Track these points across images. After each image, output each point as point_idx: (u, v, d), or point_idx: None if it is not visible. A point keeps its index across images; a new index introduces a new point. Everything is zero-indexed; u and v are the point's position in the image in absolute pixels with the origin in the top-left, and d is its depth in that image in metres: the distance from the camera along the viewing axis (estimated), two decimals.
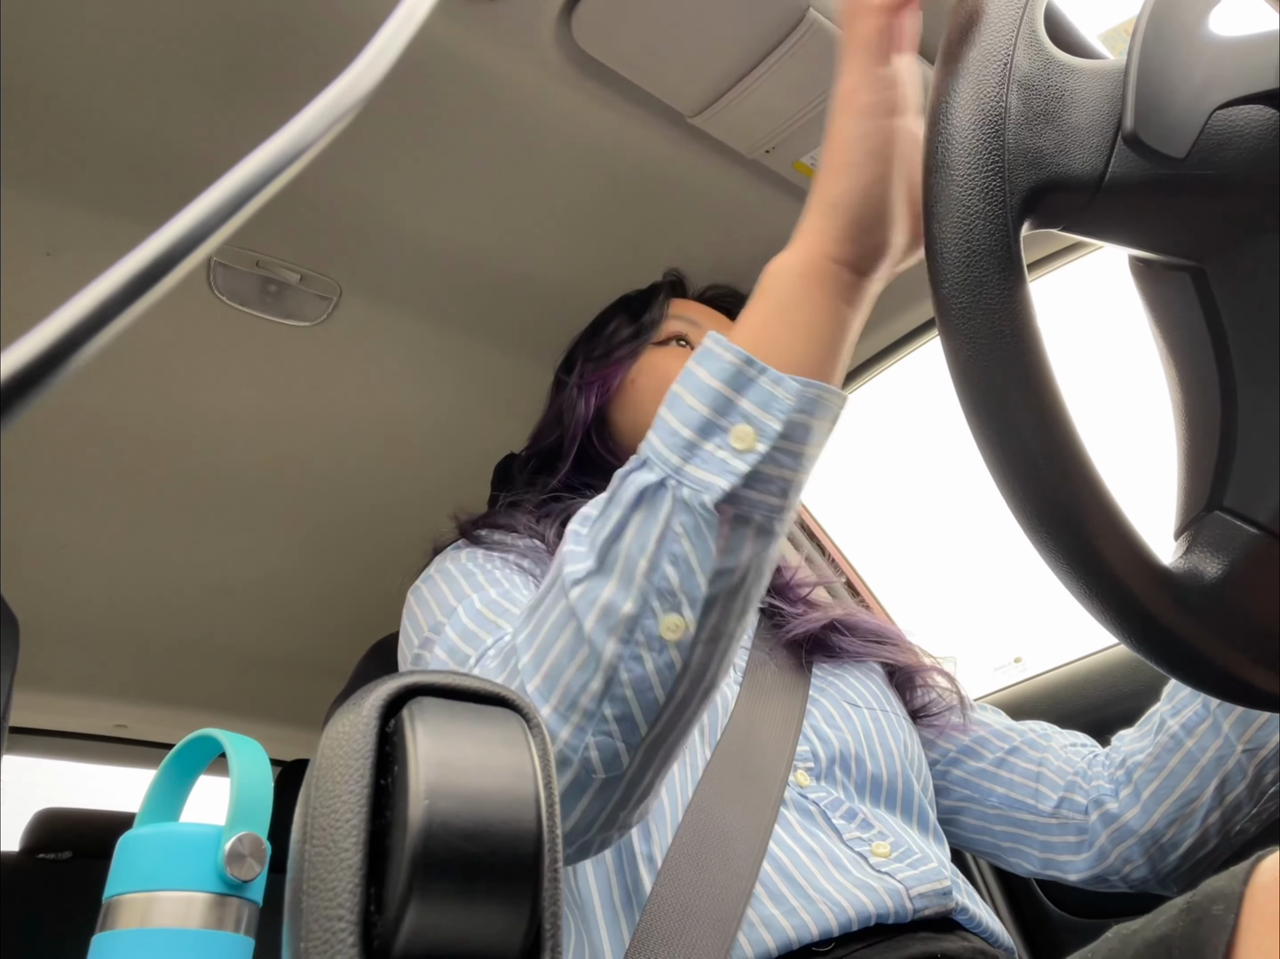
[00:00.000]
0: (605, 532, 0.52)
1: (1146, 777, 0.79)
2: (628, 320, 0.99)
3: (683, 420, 0.51)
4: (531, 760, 0.26)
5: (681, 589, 0.50)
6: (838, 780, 0.76)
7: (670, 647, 0.50)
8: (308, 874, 0.24)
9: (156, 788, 0.49)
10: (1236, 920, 0.40)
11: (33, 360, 0.15)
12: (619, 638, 0.50)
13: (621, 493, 0.52)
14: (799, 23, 0.85)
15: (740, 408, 0.50)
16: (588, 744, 0.51)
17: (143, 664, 1.82)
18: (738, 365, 0.51)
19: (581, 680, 0.51)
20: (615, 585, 0.50)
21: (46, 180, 0.99)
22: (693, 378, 0.53)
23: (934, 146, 0.40)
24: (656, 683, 0.51)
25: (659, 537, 0.50)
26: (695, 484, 0.49)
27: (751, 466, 0.49)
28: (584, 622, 0.51)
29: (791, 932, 0.64)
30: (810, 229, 0.54)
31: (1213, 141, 0.37)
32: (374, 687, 0.26)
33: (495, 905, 0.24)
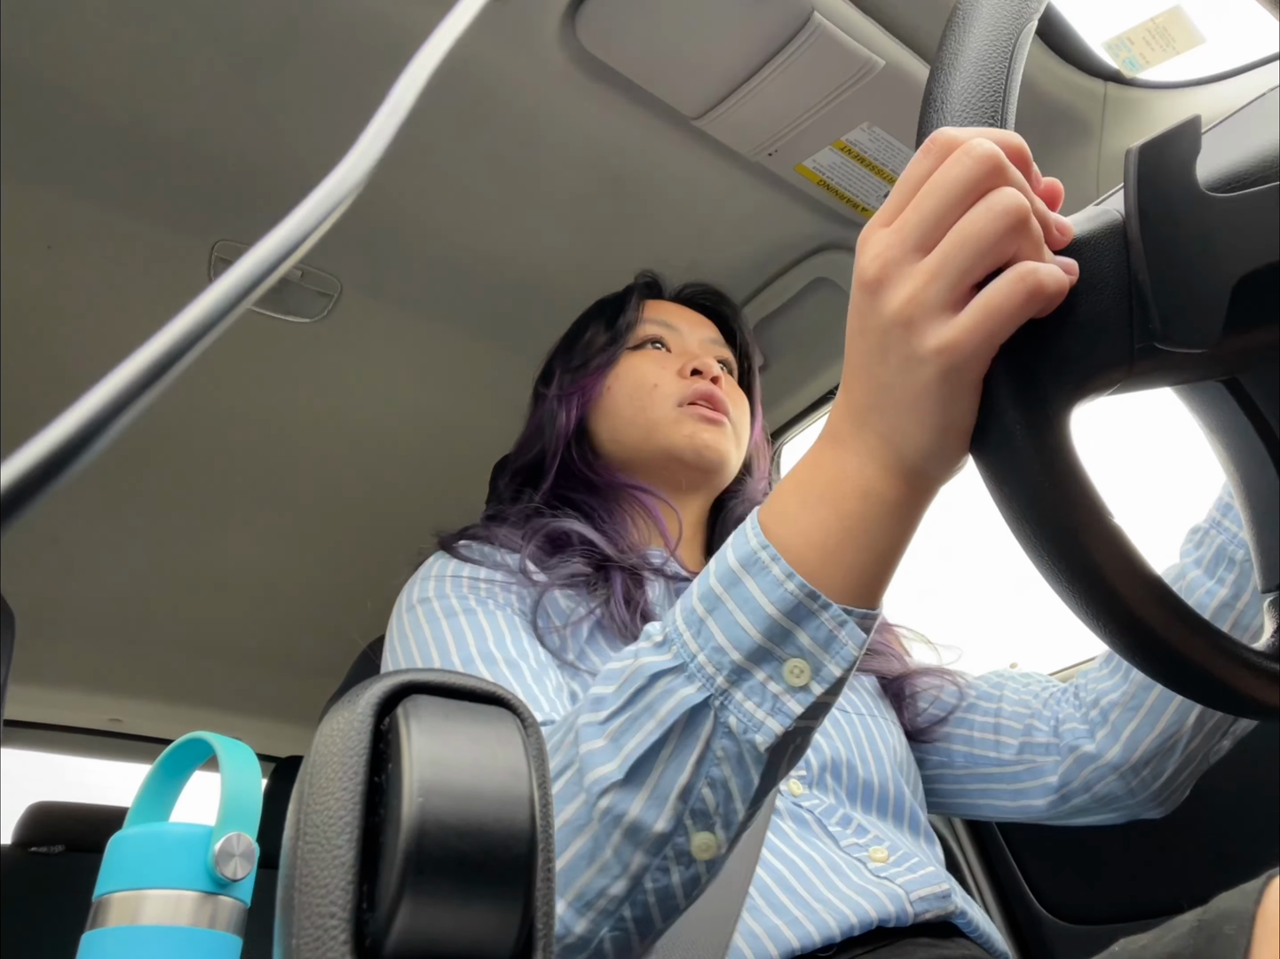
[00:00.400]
0: (636, 742, 0.49)
1: (1124, 716, 0.78)
2: (603, 327, 0.98)
3: (732, 640, 0.47)
4: (526, 759, 0.26)
5: (718, 812, 0.48)
6: (829, 787, 0.76)
7: (699, 863, 0.49)
8: (300, 871, 0.24)
9: (147, 788, 0.49)
10: (1249, 941, 0.40)
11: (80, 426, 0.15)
12: (646, 852, 0.49)
13: (654, 700, 0.48)
14: (803, 26, 0.85)
15: (798, 642, 0.46)
16: (602, 938, 0.51)
17: (138, 659, 1.82)
18: (799, 598, 0.46)
19: (600, 885, 0.49)
20: (645, 802, 0.48)
21: (47, 174, 0.99)
22: (740, 588, 0.47)
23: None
24: (680, 893, 0.50)
25: (698, 759, 0.47)
26: (744, 718, 0.47)
27: (806, 708, 0.46)
28: (610, 834, 0.49)
29: (795, 940, 0.64)
30: (889, 463, 0.45)
31: (1236, 309, 0.36)
32: (369, 684, 0.26)
33: (488, 904, 0.23)
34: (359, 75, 0.91)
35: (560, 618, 0.76)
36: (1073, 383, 0.38)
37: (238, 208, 1.05)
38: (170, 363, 0.17)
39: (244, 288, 0.18)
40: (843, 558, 0.46)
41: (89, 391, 0.16)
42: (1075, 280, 0.38)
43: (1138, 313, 0.37)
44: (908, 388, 0.41)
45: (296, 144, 0.98)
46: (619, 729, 0.50)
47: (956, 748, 0.89)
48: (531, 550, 0.81)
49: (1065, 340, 0.38)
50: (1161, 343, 0.37)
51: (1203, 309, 0.36)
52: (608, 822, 0.49)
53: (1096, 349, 0.38)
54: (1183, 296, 0.36)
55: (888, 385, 0.42)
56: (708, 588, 0.49)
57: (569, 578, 0.78)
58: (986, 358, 0.39)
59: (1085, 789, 0.81)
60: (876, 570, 0.46)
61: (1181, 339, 0.36)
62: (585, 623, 0.76)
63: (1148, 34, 0.88)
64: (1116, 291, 0.38)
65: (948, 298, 0.39)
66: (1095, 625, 0.39)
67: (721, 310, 1.05)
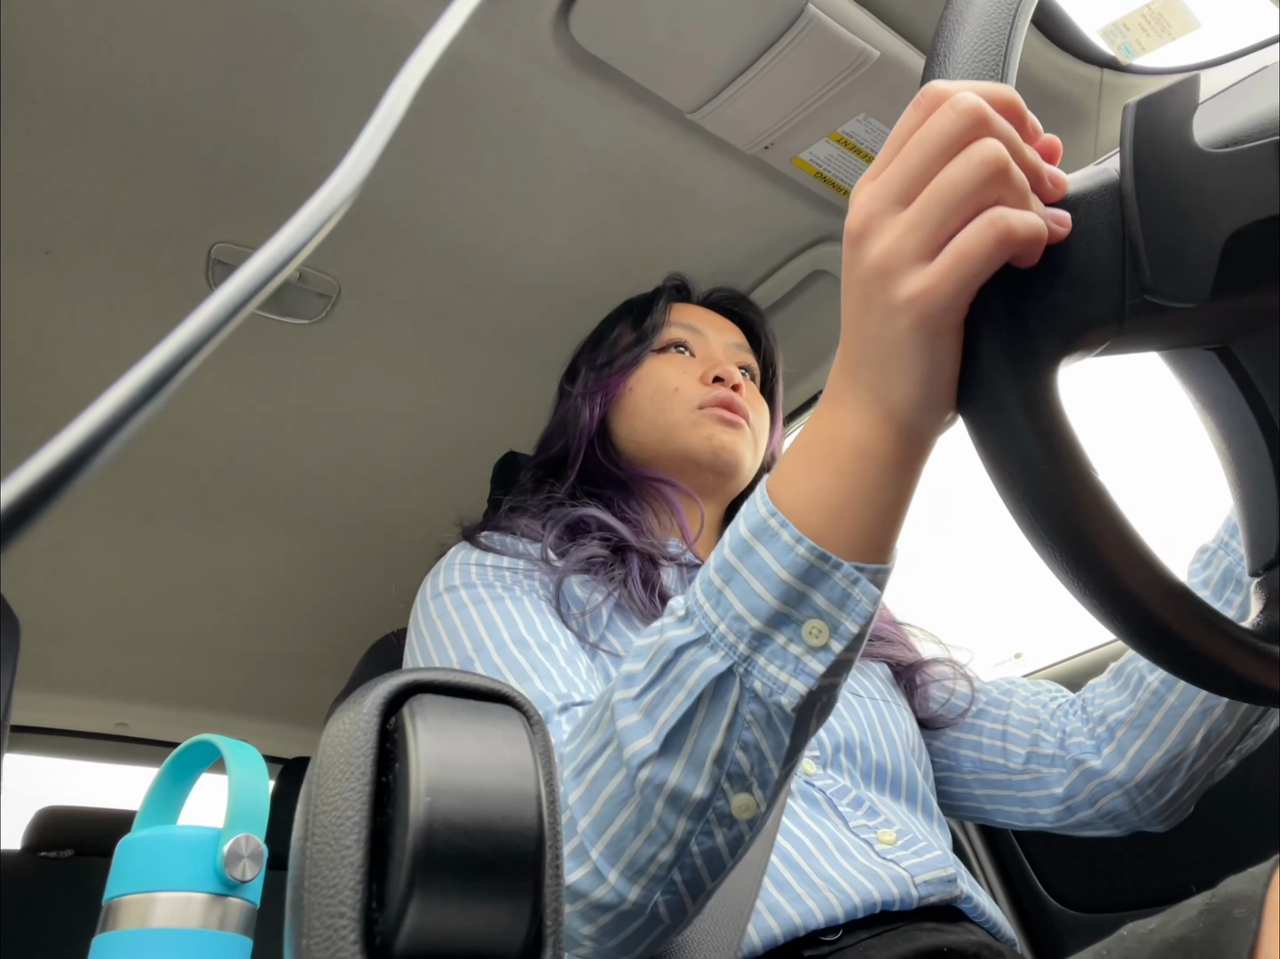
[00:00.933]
0: (668, 714, 0.50)
1: (1130, 734, 0.79)
2: (629, 327, 0.99)
3: (750, 608, 0.48)
4: (533, 757, 0.26)
5: (753, 773, 0.50)
6: (843, 768, 0.76)
7: (741, 823, 0.51)
8: (309, 871, 0.24)
9: (155, 791, 0.50)
10: (1259, 924, 0.40)
11: (84, 439, 0.15)
12: (690, 817, 0.50)
13: (681, 671, 0.50)
14: (797, 18, 0.85)
15: (814, 602, 0.47)
16: (656, 903, 0.53)
17: (144, 662, 1.83)
18: (810, 561, 0.47)
19: (649, 853, 0.51)
20: (683, 769, 0.50)
21: (44, 179, 0.99)
22: (753, 557, 0.49)
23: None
24: (726, 852, 0.52)
25: (728, 725, 0.49)
26: (769, 680, 0.48)
27: (827, 666, 0.47)
28: (653, 803, 0.51)
29: (798, 918, 0.64)
30: (881, 417, 0.45)
31: (1229, 265, 0.36)
32: (375, 684, 0.26)
33: (497, 902, 0.24)
34: (357, 76, 0.91)
35: (578, 605, 0.77)
36: (1062, 336, 0.38)
37: (236, 210, 1.05)
38: (173, 372, 0.17)
39: (245, 294, 0.19)
40: (848, 516, 0.47)
41: (91, 405, 0.16)
42: (1064, 232, 0.38)
43: (1130, 267, 0.37)
44: (888, 338, 0.42)
45: (294, 145, 0.98)
46: (651, 703, 0.51)
47: (965, 753, 0.89)
48: (552, 539, 0.82)
49: (1056, 293, 0.38)
50: (1152, 295, 0.37)
51: (1194, 262, 0.36)
52: (649, 792, 0.51)
53: (1087, 302, 0.38)
54: (1175, 249, 0.36)
55: (873, 337, 0.43)
56: (723, 559, 0.50)
57: (586, 561, 0.80)
58: (961, 306, 0.39)
59: (1090, 803, 0.82)
60: (882, 526, 0.47)
61: (1172, 292, 0.36)
62: (605, 606, 0.77)
63: (1143, 20, 0.87)
64: (1110, 246, 0.38)
65: (925, 248, 0.39)
66: (1075, 585, 0.39)
67: (748, 316, 1.06)
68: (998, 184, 0.38)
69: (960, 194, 0.38)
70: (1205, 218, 0.36)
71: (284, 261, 0.19)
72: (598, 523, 0.84)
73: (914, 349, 0.41)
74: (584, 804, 0.54)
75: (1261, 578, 0.45)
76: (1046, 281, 0.38)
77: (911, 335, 0.41)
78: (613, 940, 0.54)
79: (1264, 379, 0.42)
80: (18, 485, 0.14)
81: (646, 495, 0.92)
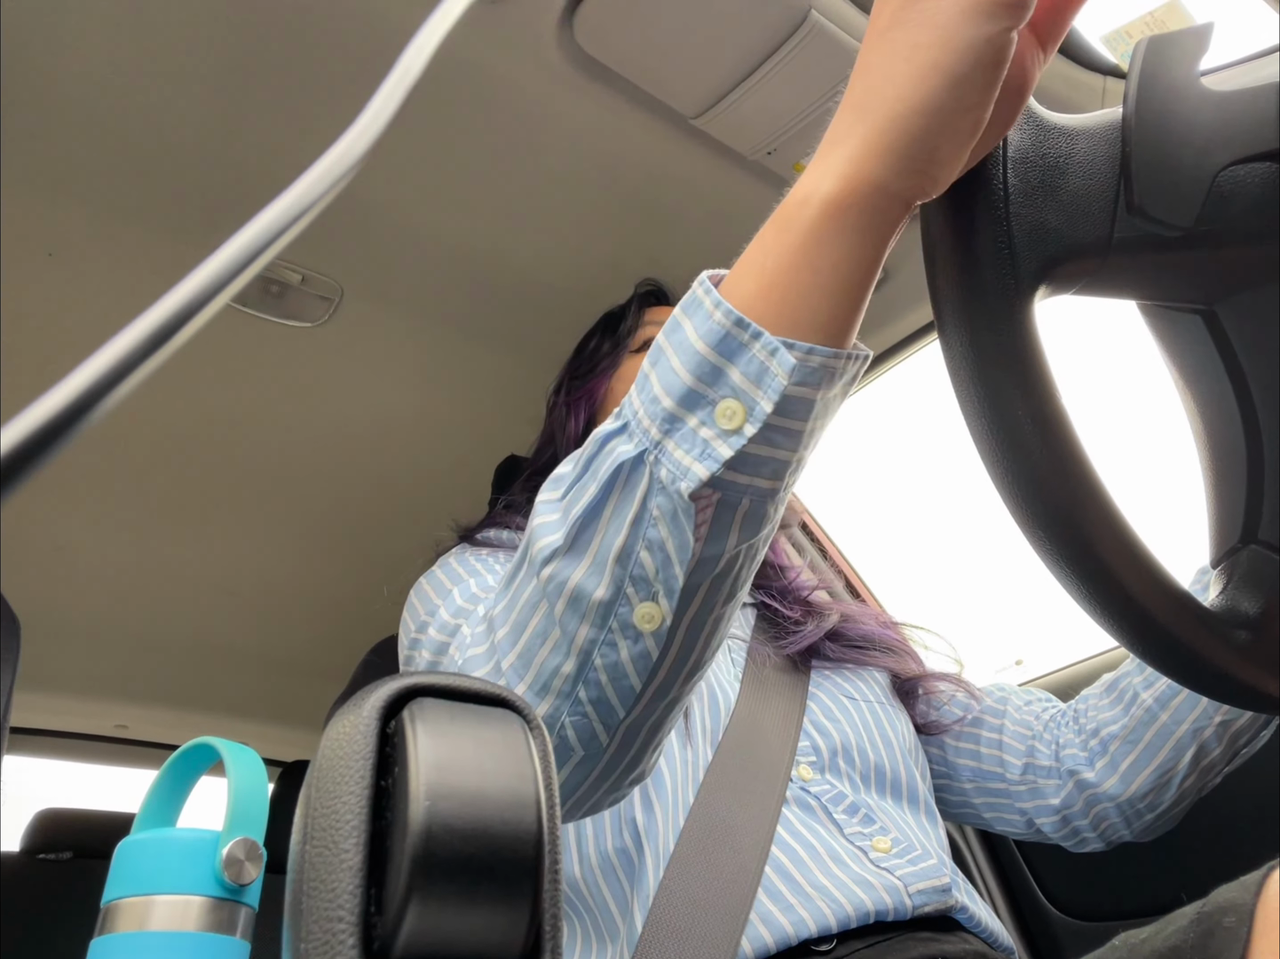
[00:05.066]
0: (578, 506, 0.47)
1: (1123, 749, 0.80)
2: (607, 336, 1.04)
3: (665, 387, 0.44)
4: (532, 762, 0.26)
5: (658, 578, 0.45)
6: (841, 772, 0.76)
7: (646, 636, 0.47)
8: (308, 875, 0.24)
9: (154, 794, 0.50)
10: (1249, 933, 0.40)
11: (60, 410, 0.15)
12: (591, 623, 0.47)
13: (598, 463, 0.46)
14: (801, 24, 0.85)
15: (729, 379, 0.42)
16: (563, 724, 0.49)
17: (144, 665, 1.82)
18: (726, 328, 0.42)
19: (554, 664, 0.49)
20: (586, 568, 0.46)
21: (47, 181, 0.99)
22: (678, 333, 0.44)
23: (938, 231, 0.40)
24: (632, 671, 0.48)
25: (634, 519, 0.45)
26: (673, 466, 0.43)
27: (736, 451, 0.42)
28: (555, 605, 0.48)
29: (790, 928, 0.64)
30: (859, 147, 0.39)
31: (1217, 200, 0.36)
32: (374, 688, 0.26)
33: (495, 907, 0.24)
34: (356, 78, 0.91)
35: None
36: (1046, 255, 0.38)
37: (237, 213, 1.05)
38: (144, 356, 0.17)
39: (216, 282, 0.19)
40: (780, 279, 0.41)
41: (88, 360, 0.16)
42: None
43: (1122, 196, 0.38)
44: (936, 23, 0.37)
45: (296, 149, 0.98)
46: (569, 500, 0.48)
47: (963, 762, 0.89)
48: None
49: (1046, 212, 0.39)
50: (1136, 216, 0.37)
51: (1182, 187, 0.37)
52: (551, 591, 0.48)
53: (1076, 224, 0.38)
54: (1165, 175, 0.37)
55: (906, 41, 0.38)
56: (655, 342, 0.46)
57: None
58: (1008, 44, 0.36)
59: (1085, 814, 0.84)
60: (823, 296, 0.41)
61: (1156, 214, 0.37)
62: None
63: (1146, 27, 0.88)
64: (1106, 177, 0.39)
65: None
66: (1021, 515, 0.39)
67: None
68: None
69: None
70: (1199, 149, 0.37)
71: (257, 250, 0.19)
72: None
73: (962, 39, 0.36)
74: (504, 614, 0.51)
75: (1223, 564, 0.44)
76: (1037, 202, 0.39)
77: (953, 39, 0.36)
78: None
79: (1245, 345, 0.42)
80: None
81: None
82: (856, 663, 0.89)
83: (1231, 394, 0.43)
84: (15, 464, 0.15)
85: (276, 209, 0.20)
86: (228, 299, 0.19)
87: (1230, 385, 0.43)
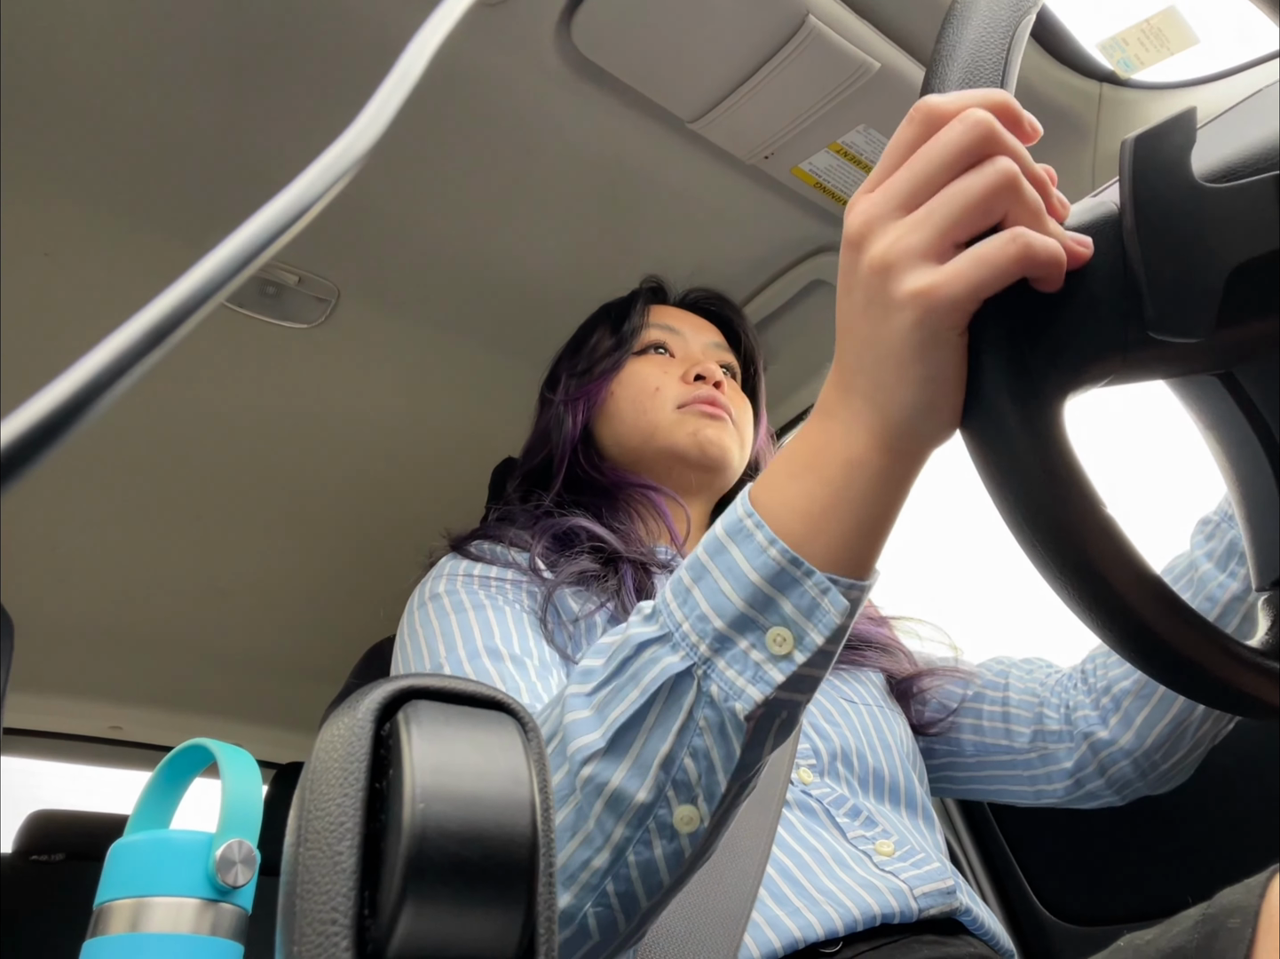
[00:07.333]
0: (618, 710, 0.49)
1: (1137, 704, 0.79)
2: (608, 332, 0.99)
3: (715, 608, 0.47)
4: (527, 764, 0.25)
5: (699, 784, 0.48)
6: (841, 776, 0.76)
7: (682, 836, 0.49)
8: (302, 878, 0.24)
9: (148, 796, 0.49)
10: (1253, 935, 0.40)
11: (57, 407, 0.15)
12: (628, 824, 0.48)
13: (638, 669, 0.48)
14: (798, 29, 0.85)
15: (781, 609, 0.46)
16: (586, 914, 0.50)
17: (138, 666, 1.82)
18: (781, 565, 0.45)
19: (583, 858, 0.49)
20: (627, 771, 0.48)
21: (44, 181, 0.99)
22: (725, 556, 0.47)
23: (963, 352, 0.40)
24: (663, 867, 0.50)
25: (680, 728, 0.47)
26: (726, 685, 0.46)
27: (788, 676, 0.46)
28: (593, 804, 0.49)
29: (797, 931, 0.64)
30: (871, 432, 0.44)
31: (1229, 301, 0.36)
32: (369, 690, 0.26)
33: (489, 909, 0.23)
34: (359, 82, 0.91)
35: (569, 615, 0.76)
36: (1066, 371, 0.38)
37: (234, 214, 1.05)
38: (139, 355, 0.17)
39: (212, 282, 0.19)
40: (827, 526, 0.45)
41: (82, 359, 0.16)
42: (1086, 254, 0.38)
43: (1132, 303, 0.37)
44: (886, 338, 0.41)
45: (294, 151, 0.98)
46: (604, 699, 0.50)
47: (965, 737, 0.89)
48: (541, 549, 0.81)
49: (1058, 328, 0.38)
50: (1156, 333, 0.37)
51: (1197, 299, 0.36)
52: (589, 791, 0.49)
53: (1090, 338, 0.38)
54: (1177, 287, 0.36)
55: (868, 340, 0.42)
56: (695, 559, 0.49)
57: (578, 575, 0.79)
58: (966, 312, 0.39)
59: (1100, 773, 0.83)
60: (864, 539, 0.46)
61: (1176, 329, 0.36)
62: (598, 615, 0.77)
63: (1142, 35, 0.88)
64: (1111, 281, 0.38)
65: (930, 246, 0.39)
66: (1087, 617, 0.39)
67: (725, 314, 1.06)
68: (1008, 196, 0.38)
69: (971, 200, 0.38)
70: (1206, 254, 0.36)
71: (251, 254, 0.19)
72: (588, 534, 0.83)
73: (913, 349, 0.40)
74: None
75: (1269, 594, 0.45)
76: (1048, 316, 0.38)
77: (912, 334, 0.40)
78: None
79: (1266, 402, 0.42)
80: None
81: (633, 502, 0.92)
82: (853, 664, 0.88)
83: (1257, 442, 0.43)
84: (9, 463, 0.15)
85: (273, 210, 0.20)
86: (223, 299, 0.19)
87: (1255, 435, 0.43)
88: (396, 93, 0.25)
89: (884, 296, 0.41)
